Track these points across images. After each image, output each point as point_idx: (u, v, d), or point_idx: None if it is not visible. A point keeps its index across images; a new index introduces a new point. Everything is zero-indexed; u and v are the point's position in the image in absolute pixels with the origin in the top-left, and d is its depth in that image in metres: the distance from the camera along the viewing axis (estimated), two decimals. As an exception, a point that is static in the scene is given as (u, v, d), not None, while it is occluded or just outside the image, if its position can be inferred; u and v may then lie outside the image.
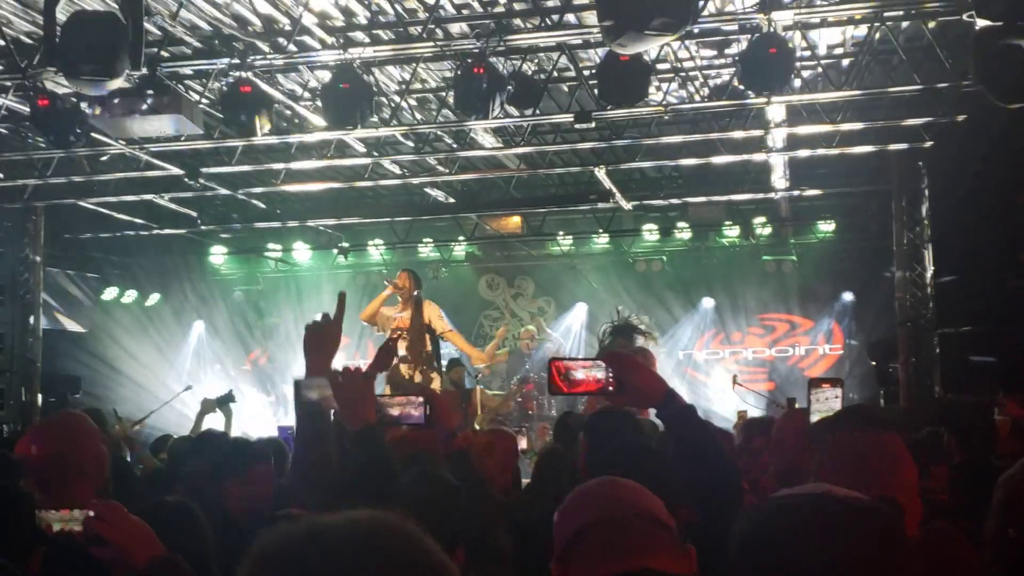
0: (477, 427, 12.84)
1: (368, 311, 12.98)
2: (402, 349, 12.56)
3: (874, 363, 17.37)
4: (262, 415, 18.73)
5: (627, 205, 16.82)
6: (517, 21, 11.10)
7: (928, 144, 13.75)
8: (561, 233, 19.59)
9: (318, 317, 3.87)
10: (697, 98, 12.37)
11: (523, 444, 14.25)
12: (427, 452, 4.51)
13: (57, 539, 3.33)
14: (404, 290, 12.69)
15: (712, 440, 3.37)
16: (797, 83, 11.49)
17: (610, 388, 3.32)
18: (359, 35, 11.37)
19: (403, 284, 12.73)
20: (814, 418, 4.04)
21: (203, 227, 18.09)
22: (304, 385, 3.72)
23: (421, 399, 4.14)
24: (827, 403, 3.61)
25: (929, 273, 15.52)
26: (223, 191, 15.30)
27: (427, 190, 16.72)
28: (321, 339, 3.79)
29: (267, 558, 1.34)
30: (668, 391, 3.29)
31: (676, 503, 2.84)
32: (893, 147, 14.07)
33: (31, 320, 16.82)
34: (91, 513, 3.24)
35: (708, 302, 19.54)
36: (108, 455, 4.46)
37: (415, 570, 1.34)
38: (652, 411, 3.48)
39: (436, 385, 12.69)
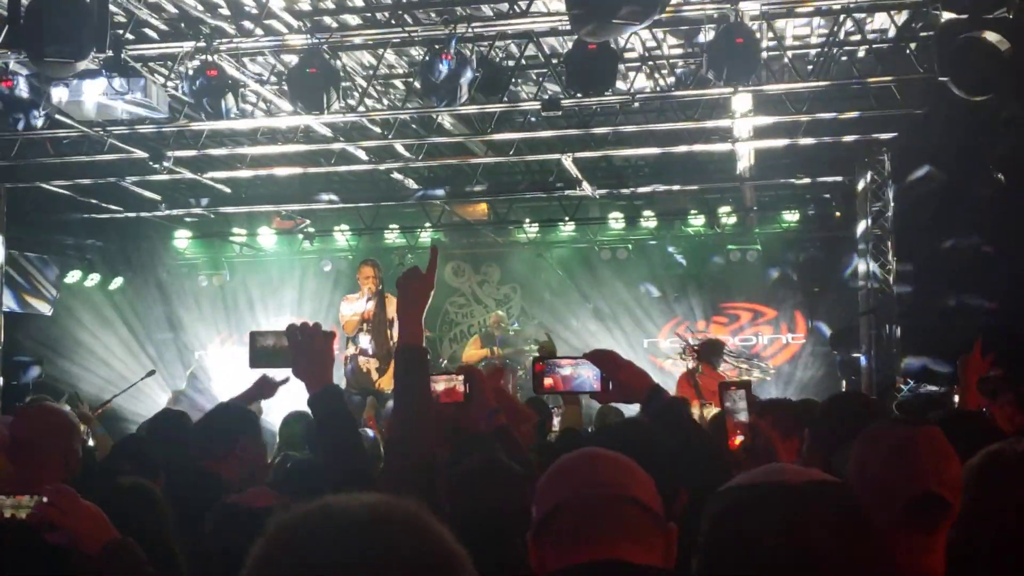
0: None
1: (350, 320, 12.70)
2: (364, 342, 12.48)
3: (836, 353, 17.51)
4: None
5: (594, 193, 16.85)
6: (485, 8, 11.09)
7: (892, 135, 13.85)
8: (527, 220, 19.59)
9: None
10: (664, 87, 12.39)
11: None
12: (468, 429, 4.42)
13: (6, 525, 3.30)
14: (371, 279, 12.60)
15: (699, 433, 3.40)
16: (764, 74, 11.55)
17: (596, 386, 3.35)
18: (327, 20, 11.33)
19: (369, 274, 12.63)
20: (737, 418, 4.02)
21: (167, 211, 17.98)
22: (259, 334, 3.55)
23: (462, 376, 4.09)
24: (737, 403, 3.63)
25: (891, 264, 15.63)
26: (188, 175, 15.20)
27: (394, 176, 16.68)
28: (415, 288, 3.55)
29: (281, 540, 1.35)
30: (653, 387, 3.31)
31: (676, 487, 2.85)
32: (857, 138, 14.17)
33: (-7, 303, 16.67)
34: (44, 499, 3.24)
35: (672, 290, 19.59)
36: (78, 453, 4.46)
37: (429, 558, 1.35)
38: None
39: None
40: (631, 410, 5.38)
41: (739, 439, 3.28)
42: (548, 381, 3.41)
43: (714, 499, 1.79)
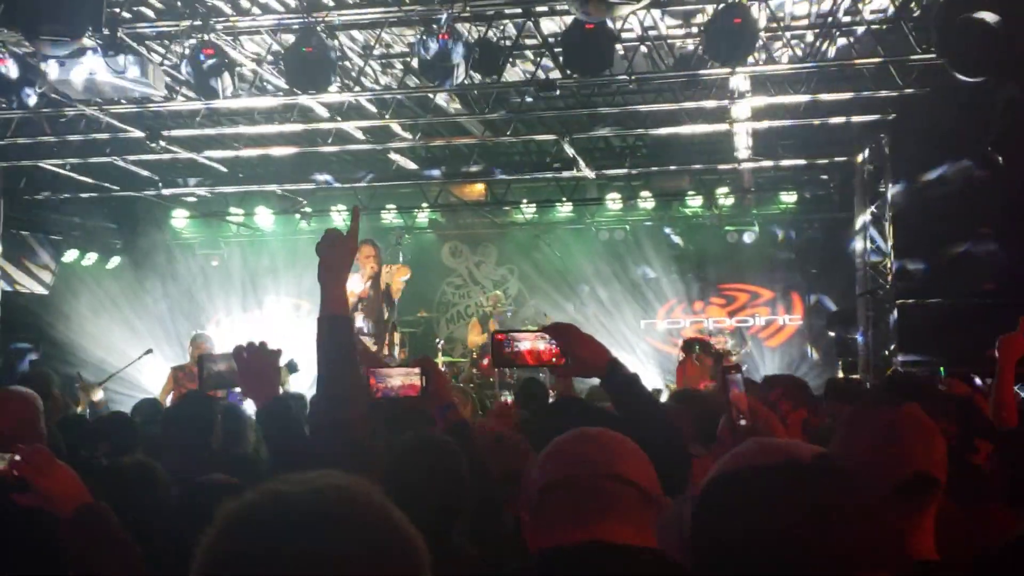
0: None
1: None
2: (359, 321, 12.44)
3: (833, 334, 17.53)
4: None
5: (590, 174, 16.82)
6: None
7: (891, 116, 13.82)
8: (524, 201, 19.56)
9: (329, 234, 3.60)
10: (662, 67, 12.36)
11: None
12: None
13: None
14: (371, 259, 12.54)
15: (656, 407, 3.41)
16: (762, 55, 11.52)
17: (554, 359, 3.35)
18: (324, -1, 11.31)
19: (369, 253, 12.57)
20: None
21: (164, 191, 17.96)
22: (209, 358, 3.54)
23: (418, 370, 4.06)
24: (737, 385, 3.63)
25: (889, 245, 15.62)
26: (185, 154, 15.17)
27: (391, 156, 16.65)
28: (335, 253, 3.51)
29: (230, 529, 1.33)
30: (611, 360, 3.31)
31: None
32: (856, 119, 14.14)
33: (-10, 282, 16.71)
34: (16, 457, 3.21)
35: (670, 271, 19.59)
36: (43, 433, 4.46)
37: (381, 542, 1.34)
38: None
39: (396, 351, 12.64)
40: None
41: (742, 421, 3.27)
42: (508, 355, 3.40)
43: (719, 482, 1.77)
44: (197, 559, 1.33)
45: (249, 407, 7.57)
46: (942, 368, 11.84)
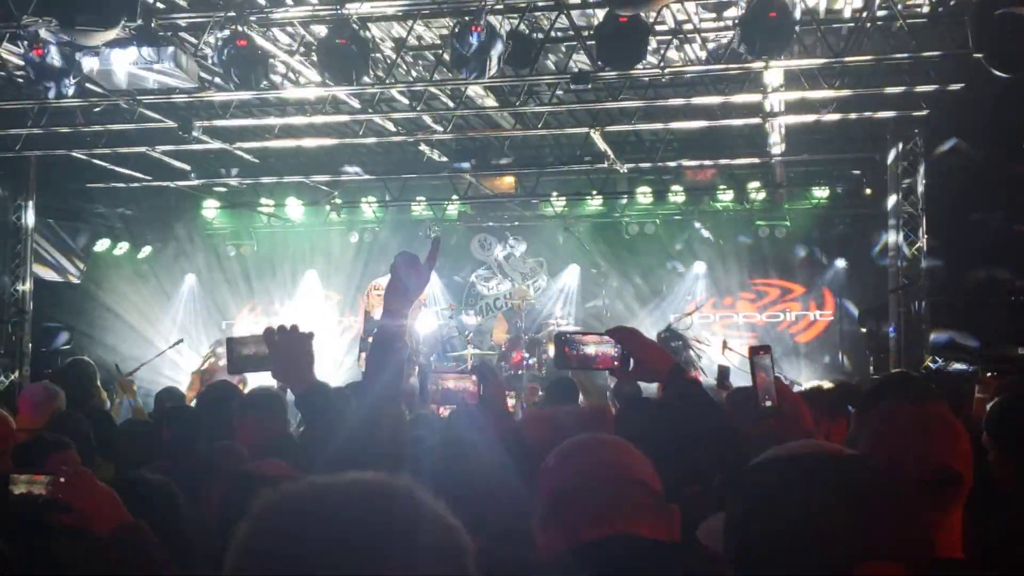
0: None
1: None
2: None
3: (864, 330, 17.45)
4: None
5: (622, 167, 16.78)
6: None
7: (924, 112, 13.73)
8: (554, 194, 19.53)
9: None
10: (694, 60, 12.31)
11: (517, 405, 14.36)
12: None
13: (20, 501, 3.28)
14: None
15: (717, 414, 3.39)
16: (796, 48, 11.46)
17: (616, 363, 3.34)
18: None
19: None
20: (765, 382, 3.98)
21: (196, 180, 18.03)
22: (238, 340, 3.44)
23: (475, 377, 4.02)
24: (765, 367, 3.61)
25: (922, 241, 15.53)
26: (217, 145, 15.21)
27: (422, 148, 16.66)
28: (411, 278, 3.24)
29: (267, 519, 1.32)
30: (674, 367, 3.31)
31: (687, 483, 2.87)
32: (889, 114, 14.06)
33: (23, 270, 16.83)
34: (60, 479, 3.23)
35: (700, 266, 19.54)
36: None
37: (426, 534, 1.32)
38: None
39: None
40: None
41: (767, 402, 3.26)
42: (571, 357, 3.39)
43: (757, 470, 1.78)
44: (232, 549, 1.31)
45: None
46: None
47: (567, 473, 2.40)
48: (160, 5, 10.78)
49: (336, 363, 18.35)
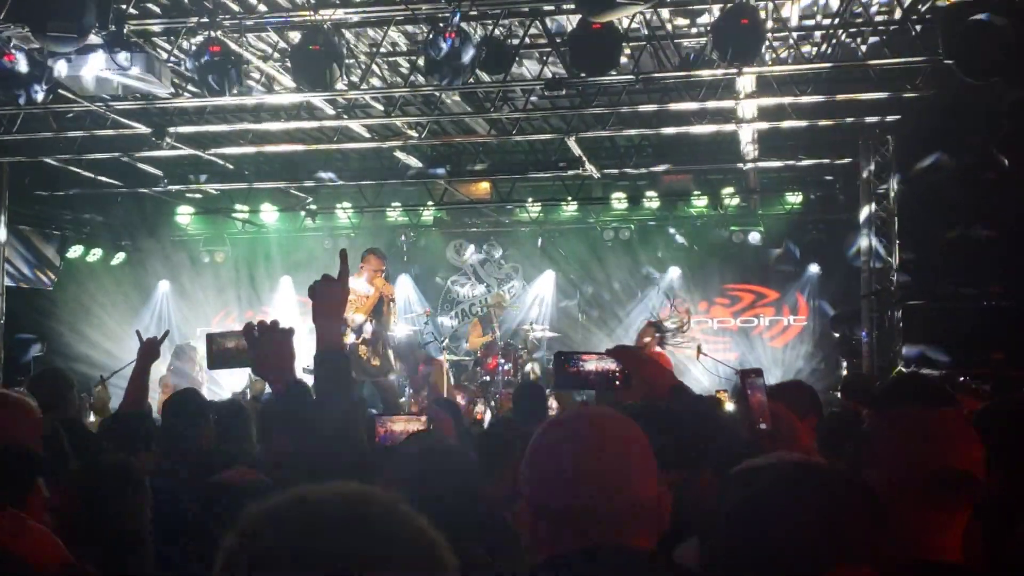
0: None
1: (364, 306, 12.47)
2: (367, 331, 12.41)
3: (837, 335, 17.53)
4: (236, 373, 18.65)
5: (596, 173, 16.82)
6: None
7: (896, 118, 13.81)
8: (530, 200, 19.55)
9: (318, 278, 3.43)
10: (668, 67, 12.35)
11: (486, 412, 14.37)
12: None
13: None
14: (379, 271, 12.46)
15: (720, 429, 3.40)
16: (768, 55, 11.51)
17: (617, 383, 3.33)
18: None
19: (377, 267, 12.47)
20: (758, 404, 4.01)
21: (169, 187, 17.96)
22: (217, 336, 3.45)
23: (424, 418, 4.02)
24: (757, 389, 3.62)
25: (895, 246, 15.61)
26: (190, 151, 15.16)
27: (396, 154, 16.65)
28: (327, 297, 3.35)
29: (254, 531, 1.32)
30: (677, 384, 3.31)
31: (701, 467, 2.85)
32: (862, 121, 14.13)
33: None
34: None
35: (674, 271, 19.61)
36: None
37: (410, 546, 1.33)
38: None
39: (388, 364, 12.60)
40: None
41: (762, 424, 3.26)
42: (571, 375, 3.38)
43: (742, 477, 1.79)
44: (220, 561, 1.32)
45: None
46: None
47: (556, 491, 2.30)
48: (133, 11, 10.73)
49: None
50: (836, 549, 1.57)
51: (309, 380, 3.35)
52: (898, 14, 11.38)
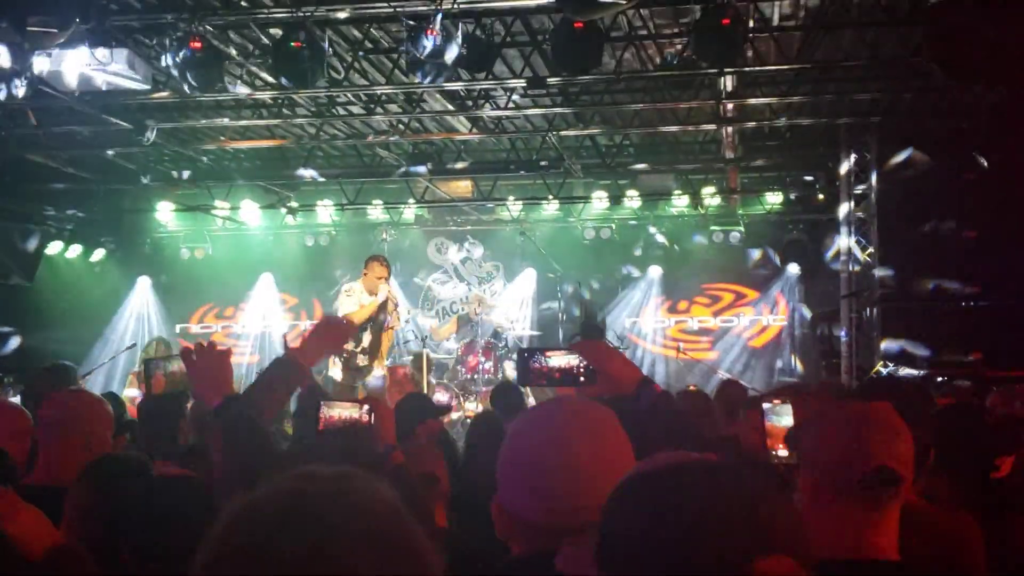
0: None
1: (362, 315, 12.31)
2: (365, 340, 12.30)
3: (817, 334, 17.60)
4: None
5: (577, 172, 16.82)
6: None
7: (877, 119, 13.86)
8: (511, 198, 19.53)
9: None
10: (649, 66, 12.37)
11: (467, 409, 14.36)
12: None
13: None
14: (382, 278, 12.33)
15: (688, 426, 3.39)
16: (750, 54, 11.53)
17: (583, 378, 3.31)
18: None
19: (380, 274, 12.30)
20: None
21: (149, 183, 17.88)
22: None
23: (368, 407, 3.99)
24: (782, 418, 3.58)
25: (874, 247, 15.67)
26: (170, 147, 15.11)
27: (377, 151, 16.62)
28: (332, 337, 3.68)
29: (237, 524, 1.32)
30: (643, 379, 3.29)
31: None
32: (842, 120, 14.18)
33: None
34: None
35: (655, 271, 19.65)
36: (103, 437, 4.44)
37: (394, 539, 1.33)
38: None
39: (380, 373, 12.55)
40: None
41: (783, 452, 3.25)
42: (535, 372, 3.36)
43: (639, 483, 1.75)
44: (202, 554, 1.31)
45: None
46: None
47: (538, 504, 2.28)
48: (114, 6, 10.69)
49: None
50: (752, 543, 1.56)
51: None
52: (880, 14, 11.42)
